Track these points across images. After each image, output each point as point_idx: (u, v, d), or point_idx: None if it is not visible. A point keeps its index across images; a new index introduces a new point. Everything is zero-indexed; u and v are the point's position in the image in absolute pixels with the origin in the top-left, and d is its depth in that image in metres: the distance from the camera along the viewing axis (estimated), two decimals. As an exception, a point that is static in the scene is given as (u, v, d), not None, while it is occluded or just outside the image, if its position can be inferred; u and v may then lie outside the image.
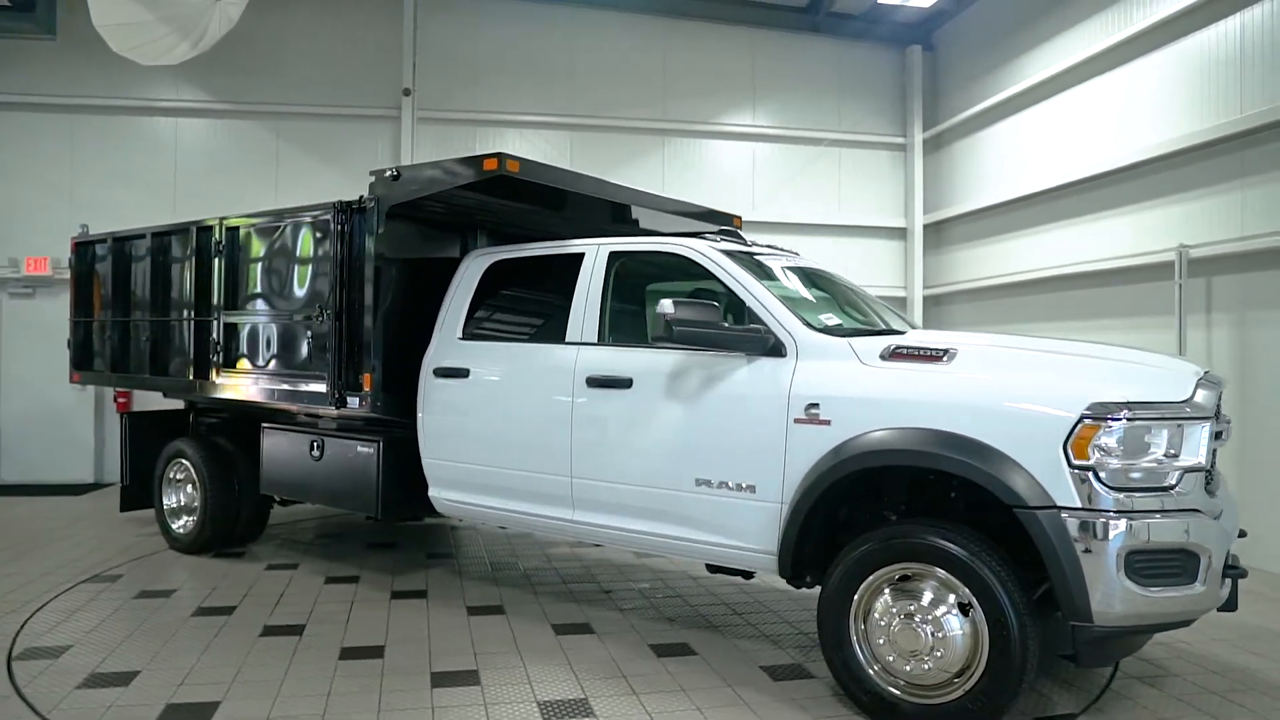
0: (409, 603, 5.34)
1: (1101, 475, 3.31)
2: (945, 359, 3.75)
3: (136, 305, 6.95)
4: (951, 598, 3.51)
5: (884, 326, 4.67)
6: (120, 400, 9.57)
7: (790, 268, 4.88)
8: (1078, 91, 8.36)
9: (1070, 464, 3.33)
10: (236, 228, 6.11)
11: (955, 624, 3.47)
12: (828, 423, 3.82)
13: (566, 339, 4.74)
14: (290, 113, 10.13)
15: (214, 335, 6.17)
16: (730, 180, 11.01)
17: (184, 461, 6.54)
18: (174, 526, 6.62)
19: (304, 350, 5.63)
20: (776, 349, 4.05)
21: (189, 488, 6.60)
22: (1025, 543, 3.40)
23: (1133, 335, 7.34)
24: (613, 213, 6.17)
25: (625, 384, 4.43)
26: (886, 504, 4.07)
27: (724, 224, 6.55)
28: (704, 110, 11.05)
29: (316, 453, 5.72)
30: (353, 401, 5.31)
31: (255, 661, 4.29)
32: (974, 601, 3.44)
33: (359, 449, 5.46)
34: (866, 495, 4.04)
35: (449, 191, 5.01)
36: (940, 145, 10.97)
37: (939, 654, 3.49)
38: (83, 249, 7.46)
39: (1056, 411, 3.38)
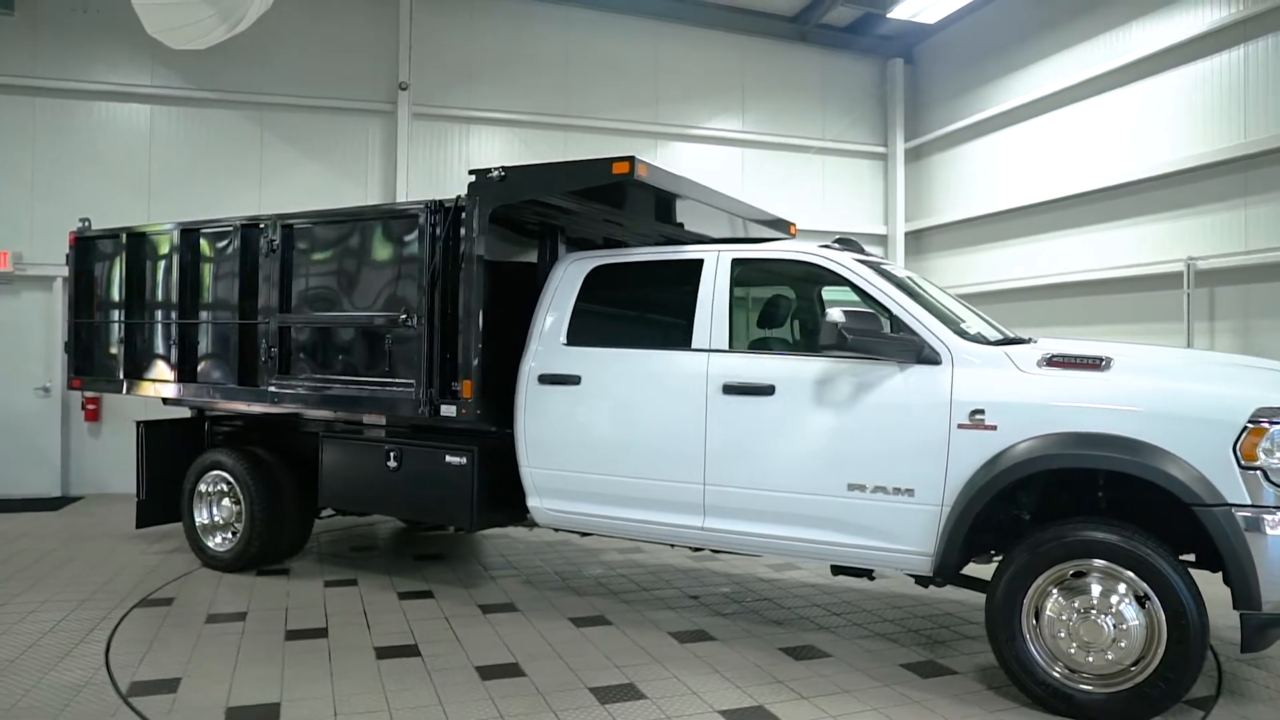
0: (505, 617, 5.19)
1: (1268, 474, 3.57)
2: (1103, 367, 3.95)
3: (158, 307, 6.47)
4: (1122, 589, 3.69)
5: (999, 333, 4.85)
6: (89, 408, 8.93)
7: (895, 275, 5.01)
8: (1076, 109, 8.90)
9: (1240, 464, 3.57)
10: (293, 225, 5.79)
11: (1133, 615, 3.66)
12: (994, 428, 3.95)
13: (693, 345, 4.72)
14: (276, 104, 9.62)
15: (265, 340, 5.82)
16: (720, 184, 11.05)
17: (222, 474, 6.14)
18: (210, 544, 6.20)
19: (383, 356, 5.38)
20: (930, 357, 4.16)
21: (226, 501, 6.20)
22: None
23: (1134, 341, 7.86)
24: (656, 213, 6.14)
25: (767, 391, 4.45)
26: (1020, 504, 4.24)
27: (784, 232, 6.65)
28: (695, 114, 11.14)
29: (394, 463, 5.47)
30: (448, 409, 5.12)
31: (396, 686, 4.09)
32: (1150, 593, 3.63)
33: (449, 459, 5.25)
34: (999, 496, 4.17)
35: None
36: (921, 156, 11.42)
37: (1121, 644, 3.66)
38: (84, 245, 6.88)
39: (1226, 417, 3.62)
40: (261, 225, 5.86)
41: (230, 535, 6.18)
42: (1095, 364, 3.97)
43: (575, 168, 4.82)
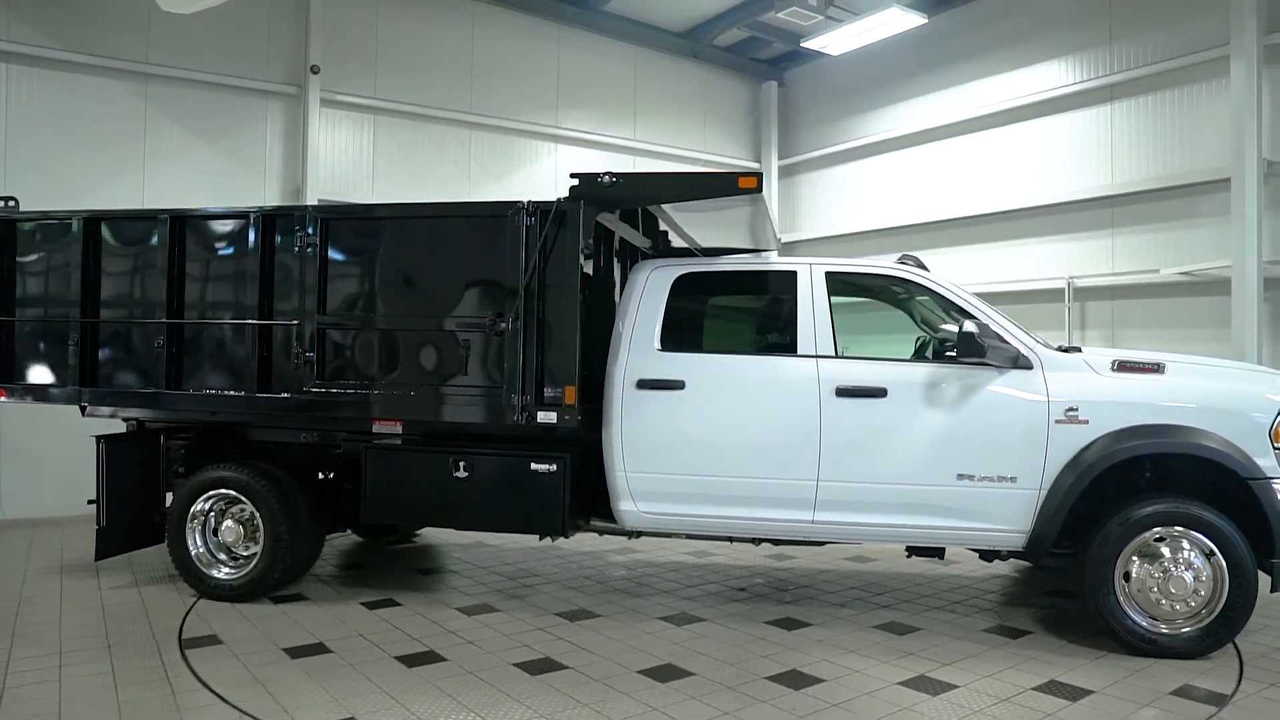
0: (597, 623, 5.18)
1: (1291, 454, 4.63)
2: (1161, 370, 4.84)
3: (132, 306, 5.61)
4: (1187, 545, 4.55)
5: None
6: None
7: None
8: (957, 141, 10.26)
9: (1274, 446, 4.60)
10: (331, 218, 5.35)
11: (1204, 568, 4.55)
12: (1086, 422, 4.70)
13: (800, 352, 5.04)
14: (164, 75, 8.49)
15: (298, 344, 5.30)
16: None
17: (229, 492, 5.48)
18: (212, 573, 5.50)
19: (460, 361, 5.14)
20: (1024, 363, 4.83)
21: (229, 523, 5.54)
22: None
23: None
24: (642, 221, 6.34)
25: (880, 393, 4.90)
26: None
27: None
28: (592, 120, 11.31)
29: (462, 473, 5.23)
30: (546, 416, 5.02)
31: (588, 698, 4.03)
32: (1215, 549, 4.53)
33: (534, 466, 5.14)
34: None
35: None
36: (795, 173, 12.43)
37: (1200, 593, 4.53)
38: (7, 229, 5.78)
39: (1263, 410, 4.64)
40: (294, 218, 5.33)
41: (236, 562, 5.54)
42: (1155, 368, 4.84)
43: (698, 180, 4.97)
